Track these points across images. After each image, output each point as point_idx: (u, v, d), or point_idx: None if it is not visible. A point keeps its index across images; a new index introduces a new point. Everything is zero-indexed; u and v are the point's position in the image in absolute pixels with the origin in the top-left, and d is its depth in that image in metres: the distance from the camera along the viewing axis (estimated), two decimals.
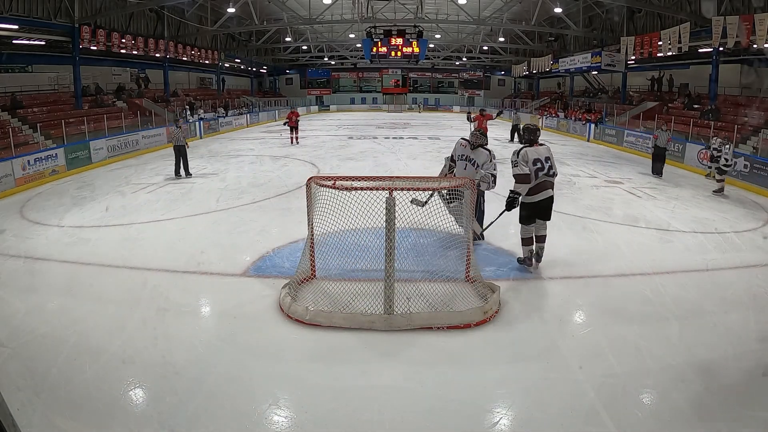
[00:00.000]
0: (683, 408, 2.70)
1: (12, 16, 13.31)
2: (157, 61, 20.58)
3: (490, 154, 4.91)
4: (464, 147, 5.04)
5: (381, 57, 23.24)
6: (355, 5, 20.68)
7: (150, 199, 7.91)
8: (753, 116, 12.45)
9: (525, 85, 36.08)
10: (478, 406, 2.73)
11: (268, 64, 34.28)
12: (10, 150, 9.57)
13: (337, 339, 3.42)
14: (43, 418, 2.60)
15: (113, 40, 16.51)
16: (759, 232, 6.28)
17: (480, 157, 4.90)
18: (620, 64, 19.59)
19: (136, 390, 2.88)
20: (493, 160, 4.88)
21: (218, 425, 2.56)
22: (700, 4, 14.67)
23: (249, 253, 5.12)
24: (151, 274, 4.65)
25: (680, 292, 4.30)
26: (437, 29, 27.11)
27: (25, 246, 5.55)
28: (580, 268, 4.80)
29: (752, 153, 10.54)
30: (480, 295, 3.89)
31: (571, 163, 11.65)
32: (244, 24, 23.46)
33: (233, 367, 3.10)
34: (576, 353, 3.27)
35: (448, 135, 18.11)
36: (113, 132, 13.53)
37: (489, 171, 4.81)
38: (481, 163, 4.87)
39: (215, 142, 17.02)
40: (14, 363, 3.16)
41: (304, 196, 4.06)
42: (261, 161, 11.91)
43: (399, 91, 38.13)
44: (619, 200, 7.95)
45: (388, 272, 3.56)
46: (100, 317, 3.75)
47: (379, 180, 4.07)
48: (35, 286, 4.45)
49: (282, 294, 3.91)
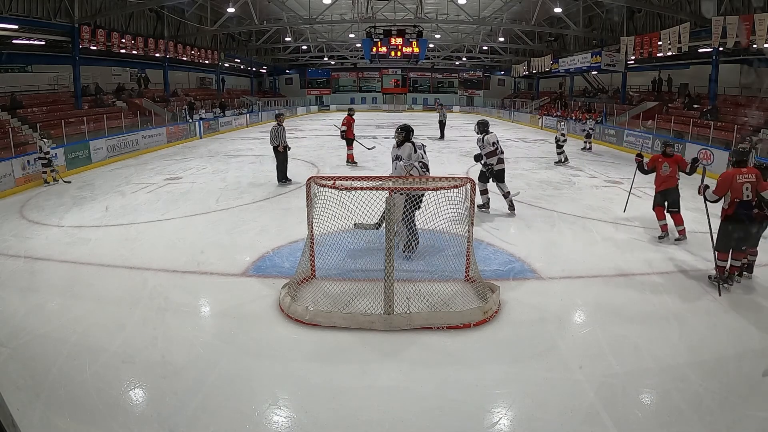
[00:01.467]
0: (683, 408, 2.70)
1: (12, 16, 13.32)
2: (157, 61, 20.59)
3: (413, 146, 5.07)
4: (394, 147, 5.24)
5: (381, 57, 23.25)
6: (355, 5, 20.68)
7: (150, 199, 7.91)
8: (753, 116, 12.46)
9: (525, 85, 36.10)
10: (478, 406, 2.73)
11: (268, 64, 34.30)
12: (10, 150, 9.58)
13: (337, 339, 3.42)
14: (43, 418, 2.60)
15: (113, 40, 16.52)
16: None
17: (404, 152, 5.07)
18: (620, 64, 19.60)
19: (136, 390, 2.88)
20: (418, 150, 5.05)
21: (218, 425, 2.56)
22: (700, 4, 14.68)
23: (249, 253, 5.12)
24: (151, 274, 4.64)
25: (680, 292, 4.30)
26: (437, 29, 27.12)
27: (25, 246, 5.55)
28: (580, 268, 4.80)
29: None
30: (480, 295, 3.89)
31: (571, 163, 11.66)
32: (244, 24, 23.47)
33: (233, 367, 3.10)
34: (576, 353, 3.27)
35: (447, 135, 18.11)
36: (113, 132, 13.54)
37: (413, 162, 4.97)
38: (405, 156, 5.04)
39: (215, 141, 17.03)
40: (14, 363, 3.16)
41: (304, 196, 4.06)
42: (261, 161, 11.90)
43: (399, 91, 38.15)
44: (619, 200, 7.93)
45: (388, 272, 3.56)
46: (100, 317, 3.75)
47: (379, 180, 4.08)
48: (35, 286, 4.45)
49: (282, 294, 3.91)
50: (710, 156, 10.94)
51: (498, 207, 6.88)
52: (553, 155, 12.00)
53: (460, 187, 3.90)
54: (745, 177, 4.09)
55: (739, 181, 4.08)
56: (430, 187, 3.91)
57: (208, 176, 9.95)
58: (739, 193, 4.08)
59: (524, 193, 8.22)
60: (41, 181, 9.35)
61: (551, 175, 10.16)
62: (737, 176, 4.10)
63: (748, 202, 4.09)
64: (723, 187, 4.14)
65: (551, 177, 9.89)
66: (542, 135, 20.23)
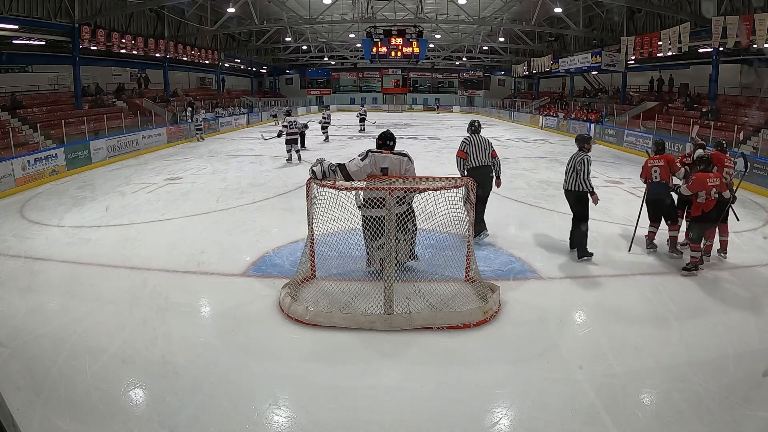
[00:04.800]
0: (683, 408, 2.70)
1: (12, 16, 13.31)
2: (157, 61, 20.58)
3: (370, 154, 4.18)
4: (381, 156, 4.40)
5: (381, 57, 23.25)
6: (355, 5, 20.69)
7: (150, 199, 7.91)
8: (753, 116, 12.46)
9: (525, 85, 36.09)
10: (478, 406, 2.73)
11: (268, 64, 34.29)
12: (10, 150, 9.58)
13: (337, 339, 3.42)
14: (43, 418, 2.60)
15: (113, 40, 16.51)
16: (759, 232, 6.28)
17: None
18: (620, 64, 19.59)
19: (136, 390, 2.88)
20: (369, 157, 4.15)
21: (218, 425, 2.56)
22: (700, 4, 14.66)
23: (249, 253, 5.12)
24: (151, 274, 4.64)
25: (680, 292, 4.30)
26: (437, 29, 27.12)
27: (25, 246, 5.55)
28: (580, 268, 4.80)
29: (752, 153, 10.54)
30: (480, 295, 3.89)
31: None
32: (244, 24, 23.48)
33: (233, 367, 3.10)
34: (576, 353, 3.27)
35: (447, 135, 18.11)
36: (113, 132, 13.54)
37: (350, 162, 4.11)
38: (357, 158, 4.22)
39: (215, 142, 17.02)
40: (14, 363, 3.15)
41: (304, 196, 4.06)
42: (261, 161, 11.91)
43: (399, 91, 38.14)
44: (619, 200, 7.94)
45: (388, 272, 3.56)
46: (100, 317, 3.75)
47: (379, 180, 4.07)
48: (35, 286, 4.45)
49: (282, 294, 3.91)
50: None
51: (498, 208, 6.88)
52: (554, 155, 11.96)
53: (460, 187, 3.90)
54: (655, 162, 5.16)
55: (650, 165, 5.20)
56: (431, 187, 3.91)
57: (209, 176, 9.95)
58: (650, 175, 5.19)
59: (524, 193, 8.23)
60: (42, 180, 9.52)
61: (551, 175, 10.15)
62: (650, 162, 5.23)
63: (658, 183, 5.12)
64: (643, 172, 5.32)
65: (551, 177, 9.88)
66: (542, 135, 20.23)
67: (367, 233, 4.15)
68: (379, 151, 4.22)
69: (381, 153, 4.21)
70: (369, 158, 4.11)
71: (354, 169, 4.02)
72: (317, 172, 3.96)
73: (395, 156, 4.21)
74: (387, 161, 4.17)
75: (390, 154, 4.21)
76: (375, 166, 4.13)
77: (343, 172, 3.97)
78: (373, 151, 4.21)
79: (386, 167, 4.16)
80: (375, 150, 4.24)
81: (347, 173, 3.98)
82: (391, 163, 4.17)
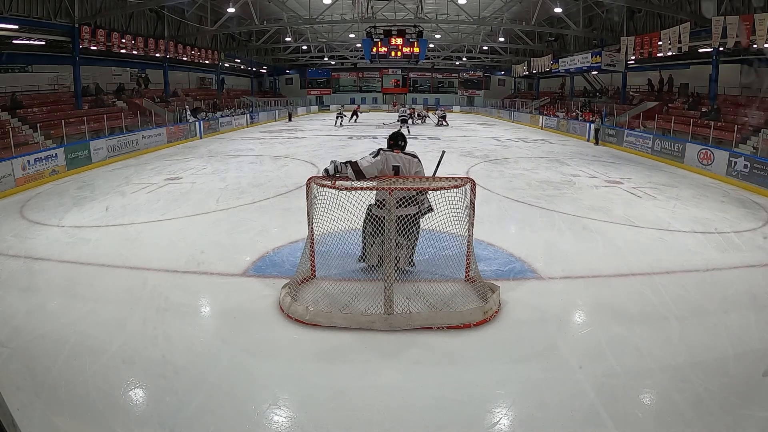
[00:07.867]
0: (683, 408, 2.70)
1: (12, 16, 13.30)
2: (157, 61, 20.56)
3: (382, 153, 4.25)
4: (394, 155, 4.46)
5: (381, 57, 23.20)
6: (355, 5, 20.67)
7: (150, 199, 7.91)
8: (753, 116, 12.45)
9: (525, 85, 36.09)
10: (478, 406, 2.73)
11: (268, 64, 34.28)
12: (10, 150, 9.58)
13: (337, 339, 3.42)
14: (43, 418, 2.60)
15: (113, 40, 16.49)
16: (759, 232, 6.28)
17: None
18: (620, 64, 19.58)
19: (136, 390, 2.88)
20: (381, 155, 4.21)
21: (218, 425, 2.56)
22: (700, 4, 14.65)
23: (249, 253, 5.11)
24: (151, 274, 4.64)
25: (680, 292, 4.30)
26: (437, 29, 27.10)
27: (25, 246, 5.55)
28: (580, 268, 4.80)
29: (752, 153, 10.54)
30: (480, 295, 3.89)
31: (571, 163, 11.63)
32: (244, 24, 23.46)
33: (233, 367, 3.10)
34: (576, 353, 3.27)
35: (447, 135, 18.10)
36: (113, 132, 13.53)
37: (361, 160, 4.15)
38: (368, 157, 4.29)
39: (215, 142, 17.03)
40: (14, 363, 3.15)
41: (304, 196, 4.06)
42: (261, 161, 11.91)
43: (399, 91, 38.14)
44: (619, 200, 7.95)
45: (388, 272, 3.56)
46: (100, 317, 3.75)
47: (379, 180, 4.07)
48: (35, 286, 4.45)
49: (282, 294, 3.91)
50: (710, 156, 10.94)
51: (498, 207, 6.88)
52: (554, 155, 11.97)
53: (460, 187, 3.90)
54: None
55: None
56: (431, 187, 3.91)
57: (208, 176, 9.94)
58: None
59: (524, 193, 8.23)
60: (42, 180, 9.49)
61: (551, 175, 10.16)
62: None
63: None
64: None
65: (551, 177, 9.89)
66: (542, 135, 20.24)
67: (371, 229, 4.18)
68: (391, 151, 4.30)
69: (392, 152, 4.28)
70: (381, 156, 4.18)
71: (365, 164, 4.09)
72: (330, 170, 4.06)
73: (406, 156, 4.29)
74: (398, 160, 4.25)
75: (401, 154, 4.29)
76: (386, 164, 4.20)
77: (354, 167, 4.04)
78: (385, 150, 4.28)
79: (398, 165, 4.23)
80: (386, 149, 4.32)
81: (358, 168, 4.05)
82: (403, 163, 4.25)
